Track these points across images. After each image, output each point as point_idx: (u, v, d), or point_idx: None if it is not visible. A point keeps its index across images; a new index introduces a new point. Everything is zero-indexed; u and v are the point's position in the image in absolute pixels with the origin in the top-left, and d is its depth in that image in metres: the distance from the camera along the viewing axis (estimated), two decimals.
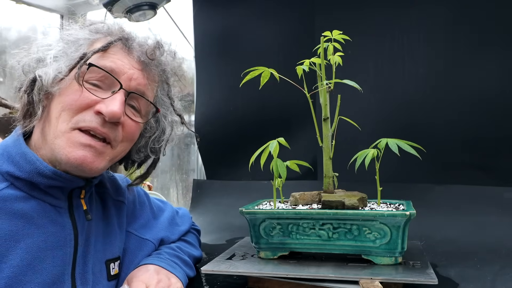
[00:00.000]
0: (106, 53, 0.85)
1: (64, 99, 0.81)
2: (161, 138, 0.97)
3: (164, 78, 0.95)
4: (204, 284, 1.04)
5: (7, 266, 0.75)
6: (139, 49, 0.88)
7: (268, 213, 1.00)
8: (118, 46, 0.87)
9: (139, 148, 0.96)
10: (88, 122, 0.81)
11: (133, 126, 0.88)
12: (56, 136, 0.80)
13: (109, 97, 0.83)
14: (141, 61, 0.88)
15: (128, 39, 0.88)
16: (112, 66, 0.84)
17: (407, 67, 1.57)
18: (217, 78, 2.03)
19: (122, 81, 0.84)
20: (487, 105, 1.45)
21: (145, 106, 0.91)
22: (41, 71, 0.81)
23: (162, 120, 0.97)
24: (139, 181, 1.01)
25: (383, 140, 0.96)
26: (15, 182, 0.80)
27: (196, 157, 2.46)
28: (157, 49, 0.90)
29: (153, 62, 0.90)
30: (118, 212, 1.00)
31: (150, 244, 1.03)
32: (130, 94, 0.86)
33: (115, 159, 0.89)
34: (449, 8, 1.50)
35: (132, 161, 1.00)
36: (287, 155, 1.07)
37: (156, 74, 0.92)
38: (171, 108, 0.98)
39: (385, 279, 0.87)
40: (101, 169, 0.85)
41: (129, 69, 0.86)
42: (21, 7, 2.48)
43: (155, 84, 0.93)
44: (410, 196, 1.16)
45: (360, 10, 1.65)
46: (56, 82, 0.81)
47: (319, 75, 1.06)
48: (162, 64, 0.94)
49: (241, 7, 1.95)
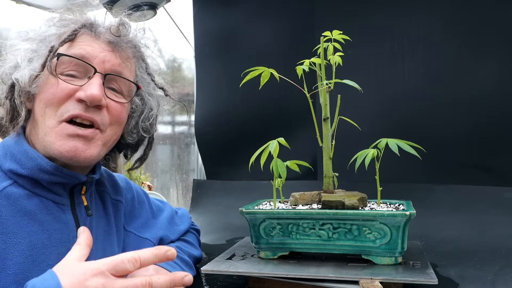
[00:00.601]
0: (75, 42, 0.86)
1: (44, 96, 0.83)
2: (150, 115, 0.98)
3: (138, 54, 0.95)
4: (204, 284, 1.04)
5: (12, 263, 0.76)
6: (105, 32, 0.89)
7: (268, 213, 1.00)
8: (85, 33, 0.88)
9: (131, 130, 0.97)
10: (71, 110, 0.82)
11: (118, 107, 0.89)
12: (45, 133, 0.82)
13: (86, 83, 0.84)
14: (110, 43, 0.89)
15: (93, 24, 0.89)
16: (82, 53, 0.85)
17: (407, 67, 1.57)
18: (217, 78, 2.04)
19: (95, 65, 0.85)
20: (487, 105, 1.44)
21: (125, 86, 0.91)
22: (17, 74, 0.83)
23: (146, 97, 0.97)
24: (139, 164, 1.02)
25: (383, 140, 0.96)
26: (18, 180, 0.81)
27: (196, 157, 2.46)
28: (121, 26, 0.90)
29: (122, 40, 0.90)
30: (116, 211, 1.01)
31: (149, 244, 1.04)
32: (107, 76, 0.87)
33: (108, 143, 0.89)
34: (449, 8, 1.50)
35: (127, 145, 1.00)
36: (287, 155, 1.07)
37: (128, 52, 0.92)
38: (152, 83, 0.98)
39: (385, 279, 0.87)
40: (96, 155, 0.85)
41: (100, 52, 0.87)
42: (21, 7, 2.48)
43: (130, 61, 0.93)
44: (410, 196, 1.16)
45: (360, 10, 1.65)
46: (32, 81, 0.82)
47: (319, 75, 1.06)
48: (132, 41, 0.93)
49: (241, 7, 1.95)
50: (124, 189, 1.06)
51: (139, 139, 0.99)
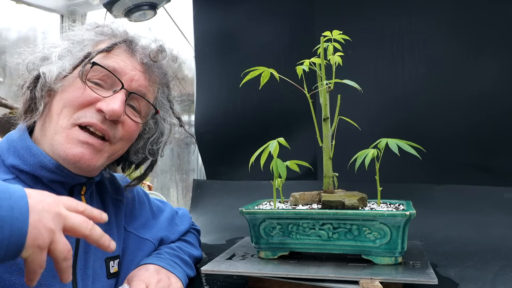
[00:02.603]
0: (110, 54, 0.87)
1: (66, 96, 0.83)
2: (160, 140, 0.99)
3: (165, 81, 0.97)
4: (204, 284, 1.04)
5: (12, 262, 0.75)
6: (142, 52, 0.90)
7: (268, 213, 1.00)
8: (122, 48, 0.89)
9: (137, 149, 0.98)
10: (88, 118, 0.83)
11: (133, 126, 0.90)
12: (56, 131, 0.82)
13: (111, 96, 0.85)
14: (143, 63, 0.90)
15: (132, 42, 0.90)
16: (115, 66, 0.86)
17: (407, 67, 1.57)
18: (217, 78, 2.03)
19: (124, 81, 0.86)
20: (487, 105, 1.44)
21: (145, 107, 0.92)
22: (45, 68, 0.83)
23: (161, 122, 0.99)
24: (137, 182, 1.02)
25: (383, 140, 0.96)
26: (20, 175, 0.82)
27: (196, 157, 2.46)
28: (159, 53, 0.93)
29: (155, 65, 0.92)
30: (116, 211, 1.01)
31: (149, 244, 1.04)
32: (131, 95, 0.88)
33: (113, 156, 0.90)
34: (449, 8, 1.50)
35: (130, 162, 1.02)
36: (287, 155, 1.07)
37: (157, 77, 0.94)
38: (170, 111, 1.00)
39: (385, 279, 0.87)
40: (98, 166, 0.86)
41: (131, 70, 0.88)
42: (21, 7, 2.48)
43: (156, 86, 0.95)
44: (410, 196, 1.16)
45: (360, 10, 1.65)
46: (59, 79, 0.83)
47: (319, 75, 1.06)
48: (164, 67, 0.96)
49: (241, 7, 1.95)
50: (124, 188, 1.05)
51: (143, 159, 1.00)
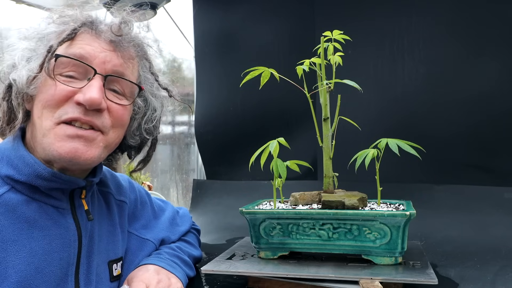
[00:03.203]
0: (74, 41, 0.81)
1: (42, 97, 0.79)
2: (153, 117, 0.94)
3: (141, 53, 0.91)
4: (204, 284, 1.04)
5: (14, 271, 0.74)
6: (107, 30, 0.84)
7: (268, 213, 1.00)
8: (85, 32, 0.83)
9: (133, 132, 0.93)
10: (70, 113, 0.78)
11: (120, 110, 0.85)
12: (43, 134, 0.78)
13: (86, 85, 0.79)
14: (111, 42, 0.84)
15: (93, 22, 0.84)
16: (81, 53, 0.80)
17: (407, 67, 1.57)
18: (217, 78, 2.03)
19: (96, 65, 0.81)
20: (487, 105, 1.44)
21: (127, 87, 0.86)
22: (15, 74, 0.79)
23: (150, 98, 0.93)
24: (142, 166, 0.98)
25: (383, 140, 0.96)
26: (15, 186, 0.79)
27: (196, 157, 2.46)
28: (123, 24, 0.86)
29: (124, 39, 0.85)
30: (120, 212, 1.00)
31: (150, 244, 1.03)
32: (108, 78, 0.82)
33: (109, 146, 0.85)
34: (449, 8, 1.50)
35: (129, 146, 0.96)
36: (287, 155, 1.07)
37: (131, 51, 0.88)
38: (156, 83, 0.94)
39: (385, 279, 0.87)
40: (97, 157, 0.82)
41: (100, 52, 0.82)
42: (21, 7, 2.48)
43: (133, 62, 0.88)
44: (410, 196, 1.16)
45: (360, 10, 1.65)
46: (30, 82, 0.78)
47: (319, 75, 1.06)
48: (135, 39, 0.88)
49: (241, 7, 1.95)
50: (127, 189, 1.05)
51: (142, 141, 0.96)
